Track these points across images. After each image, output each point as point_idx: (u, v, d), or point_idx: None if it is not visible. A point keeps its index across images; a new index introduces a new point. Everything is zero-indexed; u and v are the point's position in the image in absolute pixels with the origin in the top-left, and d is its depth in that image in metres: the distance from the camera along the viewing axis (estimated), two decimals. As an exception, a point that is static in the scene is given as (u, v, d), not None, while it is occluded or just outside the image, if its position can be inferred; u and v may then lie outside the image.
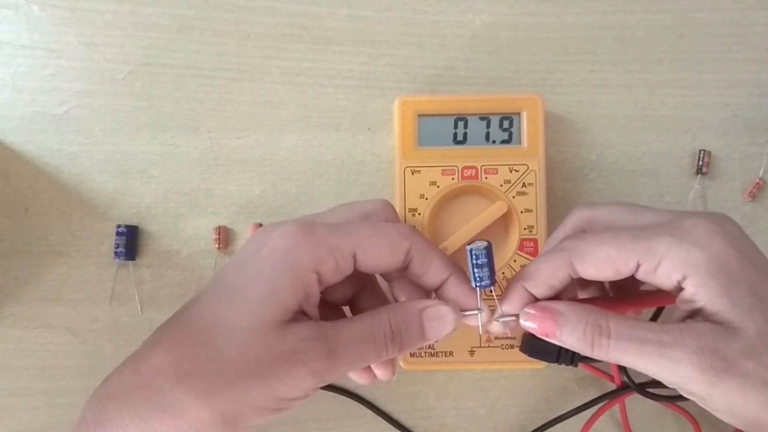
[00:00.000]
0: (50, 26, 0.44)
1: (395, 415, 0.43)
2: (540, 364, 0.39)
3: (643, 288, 0.35)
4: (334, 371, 0.28)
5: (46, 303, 0.43)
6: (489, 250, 0.30)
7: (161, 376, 0.27)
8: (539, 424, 0.42)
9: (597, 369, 0.41)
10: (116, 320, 0.43)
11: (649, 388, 0.40)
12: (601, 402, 0.41)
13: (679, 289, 0.29)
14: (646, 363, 0.28)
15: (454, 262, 0.32)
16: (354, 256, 0.30)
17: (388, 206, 0.33)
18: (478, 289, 0.31)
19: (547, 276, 0.30)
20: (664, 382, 0.29)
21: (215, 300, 0.29)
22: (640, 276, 0.30)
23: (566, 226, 0.34)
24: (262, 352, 0.27)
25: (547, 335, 0.30)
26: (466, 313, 0.31)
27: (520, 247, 0.40)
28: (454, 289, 0.31)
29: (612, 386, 0.42)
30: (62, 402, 0.43)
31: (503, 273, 0.40)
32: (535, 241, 0.40)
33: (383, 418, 0.43)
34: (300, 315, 0.29)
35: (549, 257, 0.31)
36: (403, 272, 0.32)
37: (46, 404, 0.43)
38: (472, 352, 0.40)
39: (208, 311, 0.29)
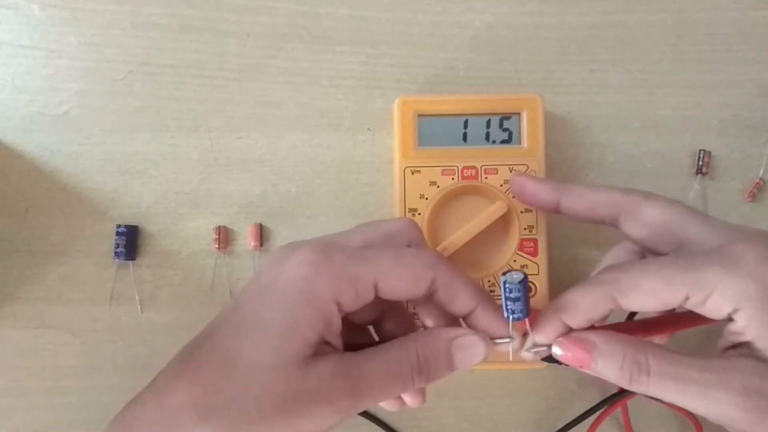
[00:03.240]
0: (50, 26, 0.44)
1: (395, 416, 0.43)
2: (540, 364, 0.39)
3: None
4: (358, 407, 0.28)
5: (46, 303, 0.43)
6: (524, 285, 0.29)
7: (184, 413, 0.27)
8: (540, 428, 0.42)
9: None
10: (116, 320, 0.43)
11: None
12: (603, 407, 0.41)
13: (729, 320, 0.28)
14: (688, 401, 0.28)
15: (482, 290, 0.31)
16: (375, 286, 0.29)
17: (413, 227, 0.32)
18: (510, 320, 0.30)
19: (586, 310, 0.29)
20: (706, 418, 0.28)
21: (236, 332, 0.28)
22: (687, 306, 0.29)
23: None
24: (286, 390, 0.27)
25: (581, 367, 0.30)
26: (497, 341, 0.30)
27: (520, 247, 0.40)
28: (484, 318, 0.30)
29: (612, 387, 0.42)
30: (62, 402, 0.43)
31: (503, 273, 0.40)
32: (535, 241, 0.40)
33: (380, 426, 0.43)
34: (323, 346, 0.28)
35: (590, 290, 0.30)
36: (429, 298, 0.30)
37: (46, 404, 0.43)
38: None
39: (230, 344, 0.28)
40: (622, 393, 0.41)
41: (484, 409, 0.43)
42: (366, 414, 0.43)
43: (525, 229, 0.40)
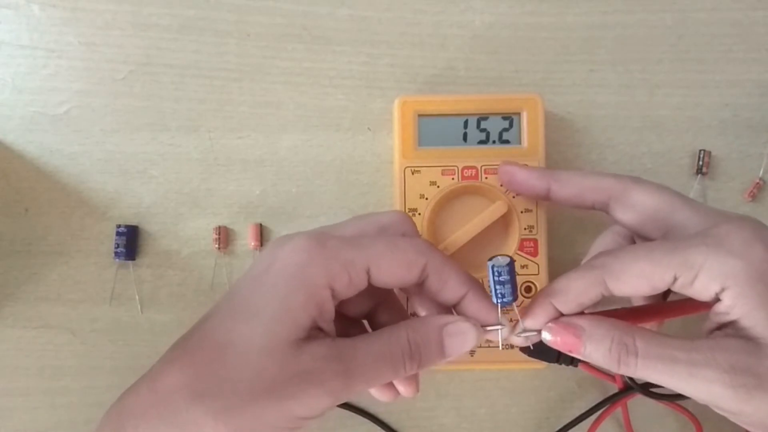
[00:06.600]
0: (50, 26, 0.44)
1: (395, 416, 0.43)
2: (540, 364, 0.39)
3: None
4: (350, 390, 0.28)
5: (46, 303, 0.43)
6: (511, 267, 0.30)
7: (177, 395, 0.27)
8: (540, 428, 0.42)
9: (597, 370, 0.41)
10: (116, 320, 0.43)
11: (651, 387, 0.40)
12: (603, 406, 0.41)
13: (716, 300, 0.28)
14: (676, 382, 0.28)
15: (472, 277, 0.31)
16: (368, 271, 0.29)
17: (406, 219, 0.32)
18: (499, 304, 0.30)
19: (577, 294, 0.30)
20: (694, 399, 0.28)
21: (230, 317, 0.29)
22: (675, 288, 0.29)
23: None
24: (278, 371, 0.27)
25: (571, 351, 0.30)
26: (487, 328, 0.31)
27: (520, 247, 0.40)
28: (473, 305, 0.31)
29: (612, 387, 0.42)
30: (62, 402, 0.43)
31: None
32: (535, 241, 0.40)
33: (380, 426, 0.43)
34: (315, 331, 0.28)
35: (580, 274, 0.30)
36: (420, 287, 0.31)
37: (46, 404, 0.43)
38: (472, 352, 0.40)
39: (224, 328, 0.29)
40: (622, 393, 0.41)
41: (484, 409, 0.43)
42: (366, 413, 0.43)
43: (525, 229, 0.40)
